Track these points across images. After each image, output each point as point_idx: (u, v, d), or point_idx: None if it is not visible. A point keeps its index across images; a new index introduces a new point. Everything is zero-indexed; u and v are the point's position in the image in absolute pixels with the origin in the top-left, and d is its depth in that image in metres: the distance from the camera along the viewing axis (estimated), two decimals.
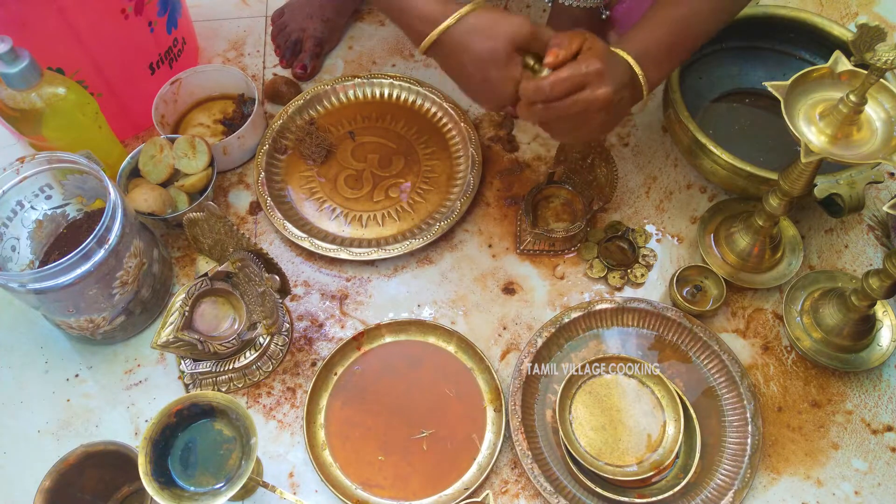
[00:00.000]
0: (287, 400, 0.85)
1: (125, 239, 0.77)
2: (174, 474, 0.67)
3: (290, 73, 1.09)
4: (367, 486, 0.80)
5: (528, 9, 1.14)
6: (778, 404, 0.84)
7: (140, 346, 0.89)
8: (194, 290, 0.78)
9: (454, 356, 0.87)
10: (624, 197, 0.98)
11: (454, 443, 0.82)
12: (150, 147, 0.92)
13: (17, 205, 0.84)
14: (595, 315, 0.87)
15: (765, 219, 0.84)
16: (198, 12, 1.12)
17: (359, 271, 0.93)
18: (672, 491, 0.76)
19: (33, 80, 0.79)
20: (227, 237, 0.80)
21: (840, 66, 0.70)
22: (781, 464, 0.81)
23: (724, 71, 1.02)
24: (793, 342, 0.86)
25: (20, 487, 0.80)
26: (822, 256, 0.93)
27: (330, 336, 0.89)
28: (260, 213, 0.98)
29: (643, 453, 0.80)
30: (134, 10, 0.90)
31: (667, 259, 0.93)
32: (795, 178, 0.75)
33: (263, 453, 0.82)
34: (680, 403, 0.80)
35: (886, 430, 0.83)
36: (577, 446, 0.80)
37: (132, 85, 0.97)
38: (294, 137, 1.01)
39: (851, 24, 1.13)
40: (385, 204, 0.97)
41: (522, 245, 0.94)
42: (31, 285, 0.73)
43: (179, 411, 0.68)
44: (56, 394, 0.86)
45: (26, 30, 0.83)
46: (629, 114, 1.00)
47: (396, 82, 1.05)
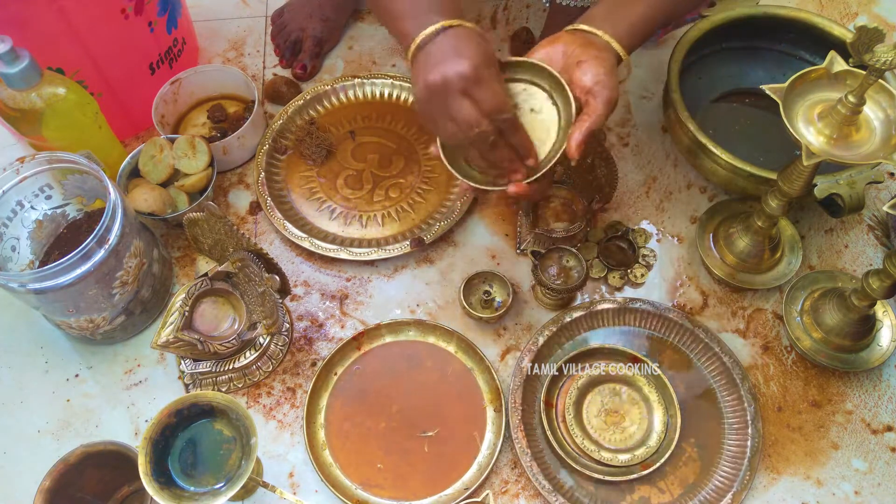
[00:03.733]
0: (287, 400, 0.85)
1: (125, 239, 0.77)
2: (174, 474, 0.67)
3: (290, 73, 1.09)
4: (367, 486, 0.80)
5: (528, 9, 1.14)
6: (778, 404, 0.84)
7: (140, 346, 0.89)
8: (194, 290, 0.78)
9: (454, 356, 0.87)
10: (624, 197, 0.98)
11: (454, 443, 0.82)
12: (150, 147, 0.92)
13: (17, 205, 0.84)
14: (596, 315, 0.87)
15: (764, 219, 0.84)
16: (198, 12, 1.12)
17: (359, 271, 0.94)
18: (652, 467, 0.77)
19: (33, 80, 0.79)
20: (227, 237, 0.80)
21: (836, 67, 0.70)
22: (781, 464, 0.81)
23: (724, 71, 1.02)
24: (793, 342, 0.86)
25: (20, 487, 0.80)
26: (822, 256, 0.93)
27: (330, 336, 0.89)
28: (260, 213, 0.98)
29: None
30: (134, 10, 0.90)
31: (667, 259, 0.93)
32: (794, 178, 0.75)
33: (263, 453, 0.82)
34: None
35: (886, 430, 0.83)
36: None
37: (132, 85, 0.97)
38: (294, 137, 1.01)
39: (851, 24, 1.13)
40: (385, 204, 0.97)
41: (522, 245, 0.94)
42: (31, 285, 0.73)
43: (179, 411, 0.68)
44: (56, 394, 0.86)
45: (26, 30, 0.83)
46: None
47: (396, 82, 1.05)
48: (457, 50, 0.66)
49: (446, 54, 0.67)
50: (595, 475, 0.78)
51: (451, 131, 0.69)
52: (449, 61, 0.66)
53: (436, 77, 0.66)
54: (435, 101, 0.68)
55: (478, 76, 0.66)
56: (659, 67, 1.07)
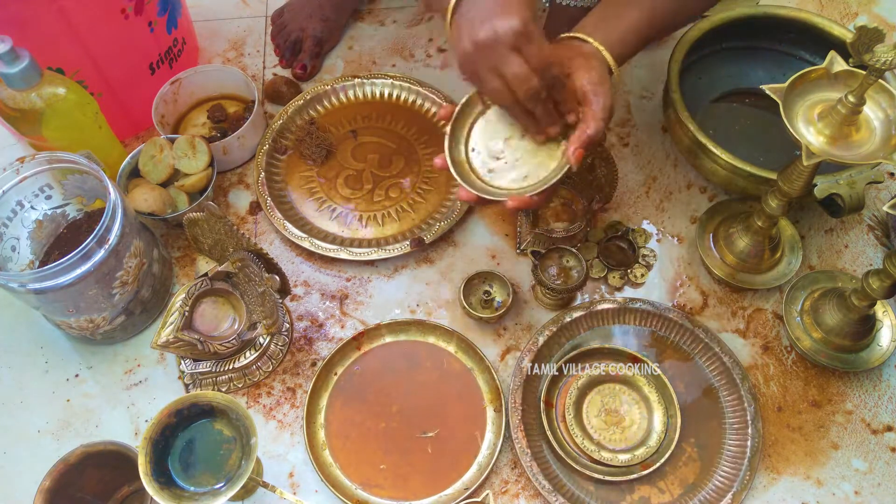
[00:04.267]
0: (287, 400, 0.85)
1: (125, 239, 0.77)
2: (174, 474, 0.67)
3: (290, 73, 1.09)
4: (367, 486, 0.80)
5: None
6: (778, 404, 0.84)
7: (140, 346, 0.89)
8: (194, 290, 0.78)
9: (454, 356, 0.87)
10: (624, 197, 0.98)
11: (454, 443, 0.82)
12: (150, 147, 0.92)
13: (17, 205, 0.84)
14: (596, 315, 0.87)
15: (764, 219, 0.84)
16: (198, 12, 1.12)
17: (359, 271, 0.94)
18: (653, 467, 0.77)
19: (33, 80, 0.79)
20: (227, 237, 0.80)
21: (836, 67, 0.70)
22: (781, 464, 0.81)
23: (724, 71, 1.02)
24: (793, 342, 0.86)
25: (20, 487, 0.81)
26: (822, 256, 0.93)
27: (330, 336, 0.89)
28: (260, 213, 0.98)
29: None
30: (134, 10, 0.90)
31: (667, 259, 0.93)
32: (794, 178, 0.75)
33: (263, 453, 0.82)
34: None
35: (886, 430, 0.83)
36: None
37: (132, 85, 0.97)
38: (294, 137, 1.01)
39: (851, 24, 1.13)
40: (385, 204, 0.97)
41: (522, 245, 0.94)
42: (31, 285, 0.73)
43: (179, 411, 0.68)
44: (56, 394, 0.86)
45: (26, 30, 0.83)
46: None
47: (396, 82, 1.05)
48: (504, 4, 0.65)
49: (493, 9, 0.65)
50: (595, 475, 0.78)
51: (499, 88, 0.68)
52: (499, 17, 0.64)
53: (487, 33, 0.64)
54: (483, 58, 0.66)
55: (528, 32, 0.65)
56: (659, 67, 1.07)
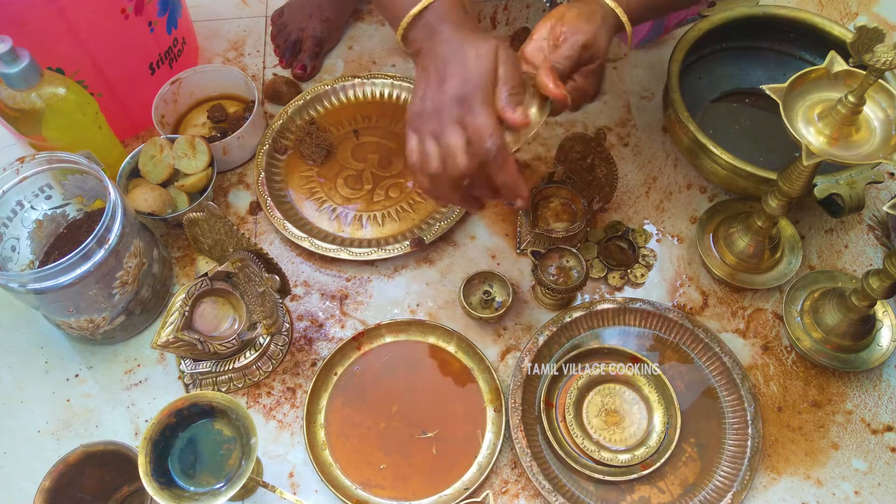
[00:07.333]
0: (287, 400, 0.85)
1: (125, 239, 0.77)
2: (174, 474, 0.67)
3: (289, 73, 1.09)
4: (367, 486, 0.80)
5: (528, 9, 1.14)
6: (778, 404, 0.84)
7: (140, 346, 0.89)
8: (194, 290, 0.78)
9: (454, 356, 0.87)
10: (624, 197, 0.98)
11: (454, 443, 0.82)
12: (150, 147, 0.92)
13: (17, 205, 0.84)
14: (596, 315, 0.87)
15: (764, 219, 0.84)
16: (198, 12, 1.12)
17: (359, 271, 0.94)
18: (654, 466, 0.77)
19: (33, 80, 0.79)
20: (227, 237, 0.80)
21: (836, 67, 0.70)
22: (781, 464, 0.81)
23: (724, 71, 1.02)
24: (793, 342, 0.86)
25: (20, 487, 0.81)
26: (822, 256, 0.94)
27: (330, 336, 0.89)
28: (260, 213, 0.98)
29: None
30: (134, 10, 0.90)
31: (667, 259, 0.93)
32: (794, 178, 0.75)
33: (263, 453, 0.82)
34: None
35: (886, 430, 0.83)
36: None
37: (132, 85, 0.97)
38: (294, 137, 1.01)
39: (851, 24, 1.13)
40: (385, 204, 0.97)
41: (522, 245, 0.94)
42: (31, 285, 0.73)
43: (179, 411, 0.68)
44: (56, 394, 0.86)
45: (26, 30, 0.83)
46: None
47: (396, 82, 1.05)
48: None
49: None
50: (595, 475, 0.78)
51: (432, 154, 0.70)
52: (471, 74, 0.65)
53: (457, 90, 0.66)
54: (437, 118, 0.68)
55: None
56: (659, 67, 1.07)
